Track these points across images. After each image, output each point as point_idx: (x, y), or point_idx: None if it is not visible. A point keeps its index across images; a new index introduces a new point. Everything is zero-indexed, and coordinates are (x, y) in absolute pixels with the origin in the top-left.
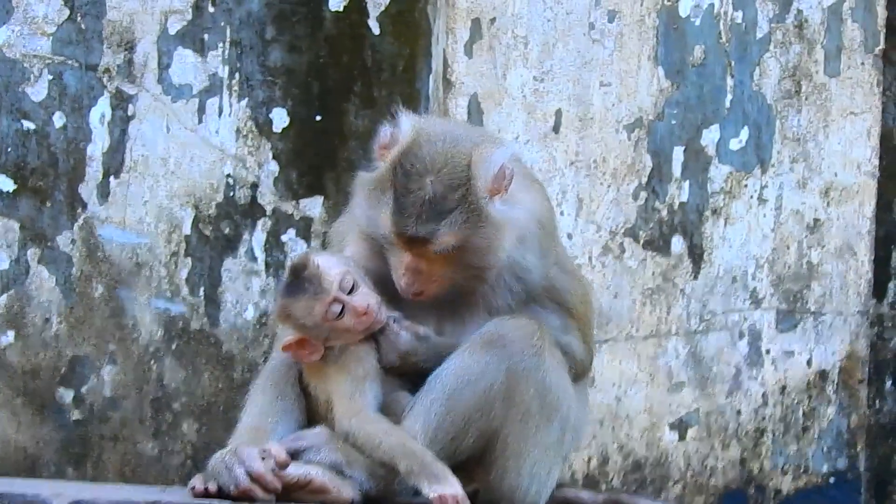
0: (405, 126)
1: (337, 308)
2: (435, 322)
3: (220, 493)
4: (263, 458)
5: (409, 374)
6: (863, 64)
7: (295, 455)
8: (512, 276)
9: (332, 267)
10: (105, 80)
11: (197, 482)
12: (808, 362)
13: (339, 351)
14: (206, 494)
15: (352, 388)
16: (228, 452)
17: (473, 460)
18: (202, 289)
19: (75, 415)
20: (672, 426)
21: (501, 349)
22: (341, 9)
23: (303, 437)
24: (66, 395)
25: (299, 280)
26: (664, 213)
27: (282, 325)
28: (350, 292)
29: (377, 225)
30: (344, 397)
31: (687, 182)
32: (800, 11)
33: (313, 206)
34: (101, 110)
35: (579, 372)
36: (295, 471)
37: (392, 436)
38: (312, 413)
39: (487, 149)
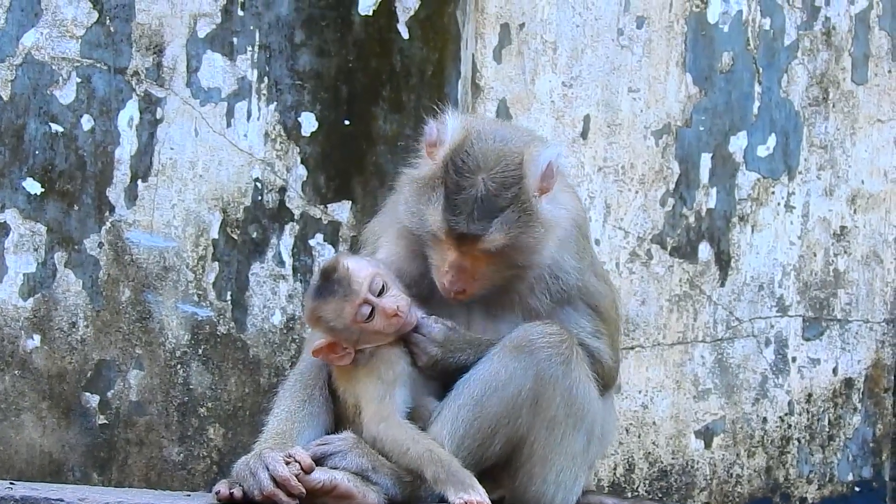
0: (454, 123)
1: (367, 310)
2: (466, 323)
3: (245, 498)
4: (288, 463)
5: (441, 375)
6: (890, 72)
7: (321, 460)
8: (550, 277)
9: (362, 269)
10: (133, 83)
11: (222, 487)
12: (834, 370)
13: (368, 355)
14: (230, 499)
15: (381, 392)
16: (253, 457)
17: (499, 467)
18: (229, 293)
19: (101, 419)
20: (698, 434)
21: (529, 355)
22: (370, 13)
23: (329, 442)
24: (92, 399)
25: (329, 282)
26: (691, 219)
27: (312, 328)
28: (380, 294)
29: (425, 222)
30: (372, 401)
31: (714, 189)
32: (828, 19)
33: (341, 211)
34: (129, 113)
35: (607, 380)
36: (320, 476)
37: (419, 442)
38: (340, 418)
39: (538, 148)
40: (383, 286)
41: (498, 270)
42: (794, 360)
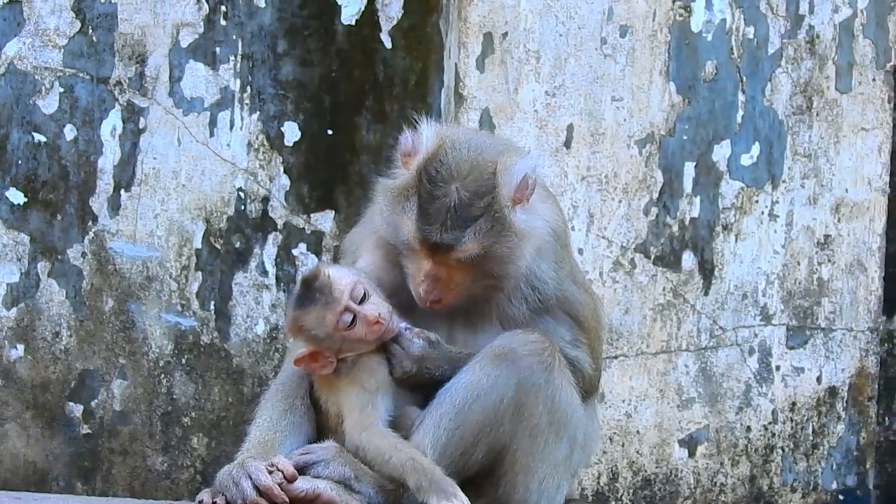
0: (428, 133)
1: (348, 317)
2: (446, 332)
3: None
4: (271, 472)
5: (421, 386)
6: (874, 80)
7: (303, 469)
8: (527, 287)
9: (343, 277)
10: (116, 92)
11: (205, 496)
12: (818, 379)
13: (350, 364)
14: None
15: (363, 401)
16: (236, 466)
17: (482, 475)
18: (213, 303)
19: (85, 429)
20: (682, 442)
21: (511, 364)
22: (353, 23)
23: (311, 451)
24: (76, 409)
25: (310, 291)
26: (675, 228)
27: (294, 337)
28: (361, 302)
29: (399, 231)
30: (354, 410)
31: (698, 198)
32: (811, 27)
33: (324, 221)
34: (112, 123)
35: (588, 389)
36: (303, 485)
37: (401, 451)
38: (322, 427)
39: (512, 157)
40: (364, 294)
41: (473, 280)
42: (777, 368)
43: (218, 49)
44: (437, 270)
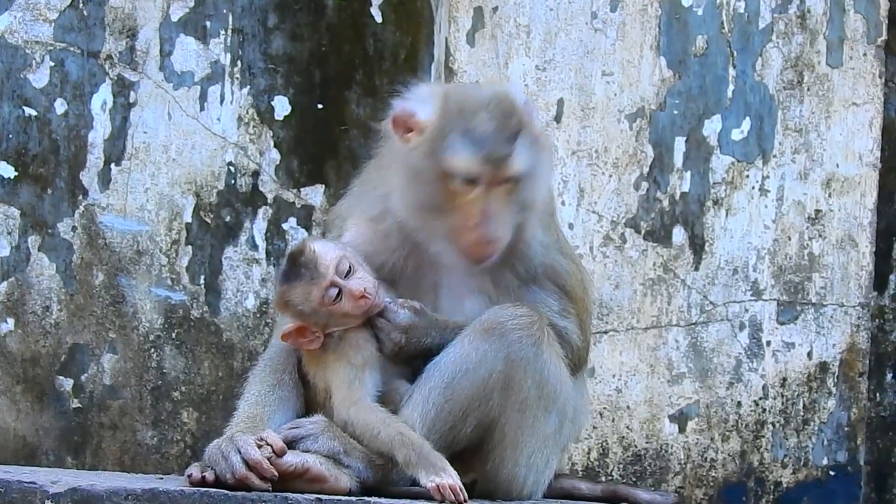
0: (424, 91)
1: (334, 292)
2: (433, 304)
3: (217, 482)
4: (260, 446)
5: (412, 359)
6: (865, 55)
7: (292, 444)
8: (512, 255)
9: (329, 252)
10: (107, 66)
11: (194, 470)
12: (809, 354)
13: (338, 339)
14: (202, 483)
15: (351, 376)
16: (225, 440)
17: (471, 450)
18: (203, 277)
19: (75, 403)
20: (672, 418)
21: (500, 338)
22: None
23: (300, 426)
24: (66, 383)
25: (296, 266)
26: (665, 203)
27: (281, 312)
28: (346, 276)
29: (450, 169)
30: (342, 386)
31: (688, 172)
32: (802, 2)
33: (314, 195)
34: (102, 97)
35: (576, 361)
36: (292, 459)
37: (390, 425)
38: (311, 402)
39: (509, 89)
40: (350, 268)
41: (513, 212)
42: (768, 343)
43: (208, 23)
44: (490, 202)
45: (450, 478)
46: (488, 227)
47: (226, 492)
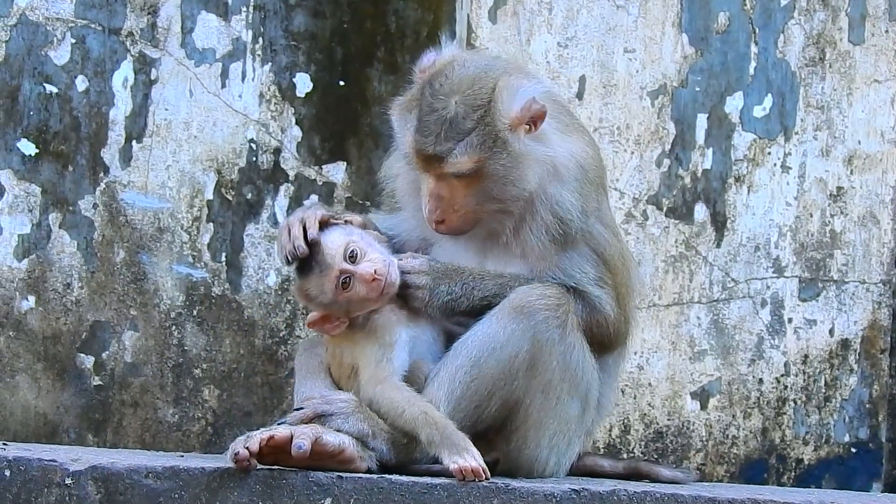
0: (445, 52)
1: (345, 279)
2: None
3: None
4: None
5: (441, 314)
6: (887, 31)
7: (322, 418)
8: (548, 213)
9: (334, 241)
10: (128, 43)
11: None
12: (831, 331)
13: (366, 318)
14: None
15: (378, 355)
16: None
17: (494, 430)
18: (224, 254)
19: (95, 380)
20: (694, 395)
21: (528, 318)
22: None
23: (332, 402)
24: (87, 360)
25: (307, 260)
26: (687, 180)
27: (304, 304)
28: (355, 261)
29: (402, 144)
30: (370, 364)
31: (710, 149)
32: None
33: (336, 172)
34: (123, 74)
35: (609, 335)
36: (332, 439)
37: (415, 405)
38: (335, 378)
39: (517, 79)
40: (358, 253)
41: (477, 202)
42: (790, 321)
43: (230, 0)
44: (439, 188)
45: (473, 459)
46: (436, 209)
47: (249, 470)
